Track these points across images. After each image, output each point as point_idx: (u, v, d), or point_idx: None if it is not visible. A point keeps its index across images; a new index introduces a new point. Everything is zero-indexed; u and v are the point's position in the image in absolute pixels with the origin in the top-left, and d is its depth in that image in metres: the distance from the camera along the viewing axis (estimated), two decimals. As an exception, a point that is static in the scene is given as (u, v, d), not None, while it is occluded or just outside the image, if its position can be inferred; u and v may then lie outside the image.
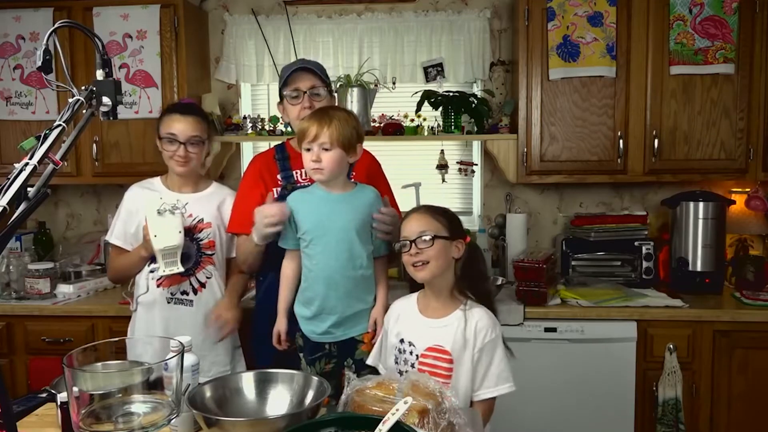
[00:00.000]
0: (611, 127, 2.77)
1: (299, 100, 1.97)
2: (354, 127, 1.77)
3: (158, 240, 1.94)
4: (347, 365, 1.83)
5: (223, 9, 3.21)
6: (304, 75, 1.98)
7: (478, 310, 1.66)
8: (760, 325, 2.49)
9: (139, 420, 1.20)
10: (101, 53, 1.38)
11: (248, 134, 3.01)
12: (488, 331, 1.63)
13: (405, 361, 1.67)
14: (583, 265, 2.90)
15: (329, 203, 1.79)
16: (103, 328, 2.66)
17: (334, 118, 1.74)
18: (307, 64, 2.02)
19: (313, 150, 1.73)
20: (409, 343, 1.68)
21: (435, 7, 3.13)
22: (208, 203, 2.19)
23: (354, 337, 1.83)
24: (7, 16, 2.92)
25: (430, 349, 1.64)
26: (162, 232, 1.94)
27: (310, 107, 1.94)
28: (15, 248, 3.04)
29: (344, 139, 1.73)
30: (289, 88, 1.98)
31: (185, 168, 2.12)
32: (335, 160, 1.73)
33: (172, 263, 1.97)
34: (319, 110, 1.82)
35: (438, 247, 1.63)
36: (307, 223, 1.79)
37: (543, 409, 2.55)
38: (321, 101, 1.98)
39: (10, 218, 1.07)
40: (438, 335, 1.65)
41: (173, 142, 2.09)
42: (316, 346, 1.83)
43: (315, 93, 1.98)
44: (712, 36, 2.68)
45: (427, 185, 3.07)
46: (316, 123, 1.73)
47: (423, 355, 1.65)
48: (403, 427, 1.19)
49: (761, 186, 2.92)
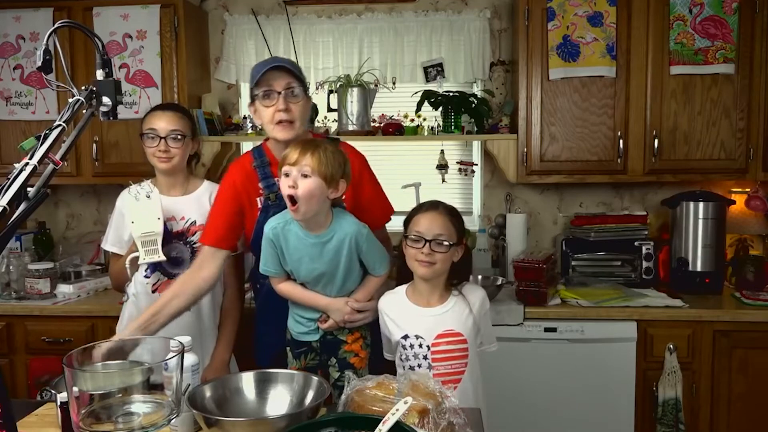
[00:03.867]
0: (611, 127, 2.77)
1: (272, 101, 1.79)
2: (341, 163, 1.68)
3: (136, 226, 1.92)
4: (330, 364, 1.84)
5: (223, 9, 3.21)
6: (278, 74, 1.79)
7: (468, 286, 1.79)
8: (760, 325, 2.49)
9: (139, 420, 1.20)
10: (101, 53, 1.38)
11: (248, 134, 3.01)
12: (484, 299, 1.79)
13: (415, 356, 1.70)
14: (583, 265, 2.90)
15: (309, 248, 1.72)
16: (103, 328, 2.66)
17: (320, 147, 1.65)
18: (280, 62, 1.84)
19: (291, 174, 1.63)
20: (415, 336, 1.71)
21: (435, 7, 3.13)
22: (199, 204, 2.16)
23: (338, 336, 1.84)
24: (7, 16, 2.92)
25: (440, 336, 1.69)
26: (140, 218, 1.91)
27: (286, 109, 1.78)
28: (15, 248, 3.04)
29: (327, 170, 1.63)
30: (261, 88, 1.80)
31: (167, 164, 2.09)
32: (312, 189, 1.61)
33: (152, 251, 1.92)
34: (309, 139, 1.75)
35: (449, 253, 1.70)
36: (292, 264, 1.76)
37: (543, 409, 2.55)
38: (297, 102, 1.81)
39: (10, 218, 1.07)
40: (444, 321, 1.71)
41: (154, 138, 2.08)
42: (301, 342, 1.86)
43: (291, 93, 1.80)
44: (712, 36, 2.68)
45: (427, 185, 3.08)
46: (300, 148, 1.64)
47: (434, 344, 1.69)
48: (403, 427, 1.19)
49: (761, 186, 2.91)
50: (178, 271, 2.10)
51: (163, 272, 2.12)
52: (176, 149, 2.09)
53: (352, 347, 1.83)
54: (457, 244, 1.72)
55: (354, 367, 1.82)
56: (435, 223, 1.70)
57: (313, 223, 1.71)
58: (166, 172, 2.13)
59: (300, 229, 1.72)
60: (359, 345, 1.84)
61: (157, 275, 2.12)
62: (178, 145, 2.10)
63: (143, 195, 1.90)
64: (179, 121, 2.11)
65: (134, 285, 2.16)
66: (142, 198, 1.90)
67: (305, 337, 1.85)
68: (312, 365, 1.85)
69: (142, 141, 2.12)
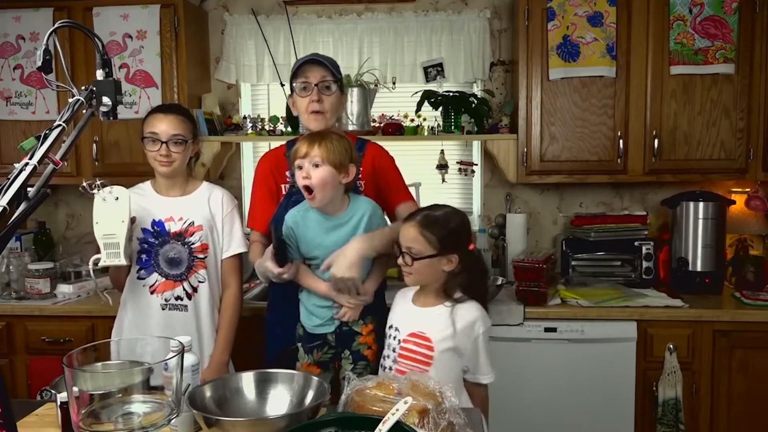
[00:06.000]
0: (611, 127, 2.77)
1: (308, 93, 1.93)
2: (347, 148, 1.79)
3: (99, 227, 1.88)
4: (344, 357, 1.87)
5: (223, 9, 3.21)
6: (315, 67, 1.94)
7: (469, 304, 1.71)
8: (760, 325, 2.49)
9: (139, 420, 1.20)
10: (101, 53, 1.38)
11: (248, 134, 3.01)
12: (475, 324, 1.70)
13: (389, 346, 1.75)
14: (583, 265, 2.90)
15: (328, 231, 1.82)
16: (103, 328, 2.65)
17: (326, 138, 1.77)
18: (319, 57, 1.98)
19: (304, 167, 1.76)
20: (396, 329, 1.76)
21: (435, 7, 3.13)
22: (198, 205, 2.15)
23: (353, 328, 1.87)
24: (7, 16, 2.92)
25: (412, 335, 1.71)
26: (103, 219, 1.88)
27: (319, 101, 1.91)
28: (15, 248, 3.04)
29: (335, 157, 1.75)
30: (298, 79, 1.95)
31: (168, 168, 2.08)
32: (325, 177, 1.74)
33: (114, 254, 1.89)
34: (314, 132, 1.86)
35: (419, 266, 1.69)
36: (313, 250, 1.84)
37: (543, 409, 2.55)
38: (331, 96, 1.94)
39: (10, 218, 1.07)
40: (420, 322, 1.71)
41: (155, 142, 2.06)
42: (315, 335, 1.88)
43: (325, 86, 1.93)
44: (712, 36, 2.68)
45: (427, 185, 3.08)
46: (308, 141, 1.77)
47: (405, 341, 1.71)
48: (403, 427, 1.19)
49: (761, 186, 2.92)
50: (176, 271, 2.09)
51: (161, 273, 2.10)
52: (177, 153, 2.08)
53: (366, 339, 1.87)
54: (438, 254, 1.68)
55: (367, 360, 1.86)
56: (406, 235, 1.71)
57: (330, 208, 1.82)
58: (166, 175, 2.13)
59: (319, 215, 1.82)
60: (372, 338, 1.88)
61: (155, 276, 2.10)
62: (180, 150, 2.08)
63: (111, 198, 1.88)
64: (181, 124, 2.10)
65: (129, 287, 2.14)
66: (110, 200, 1.88)
67: (320, 330, 1.87)
68: (325, 359, 1.88)
69: (143, 144, 2.11)
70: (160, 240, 2.09)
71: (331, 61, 1.99)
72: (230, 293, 2.18)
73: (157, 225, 2.10)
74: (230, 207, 2.20)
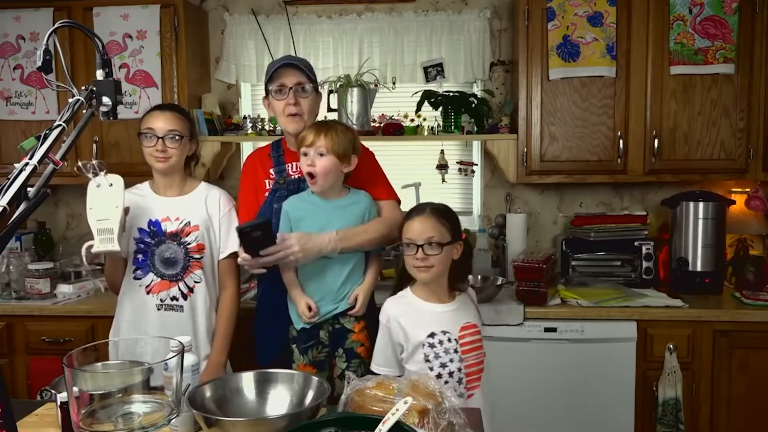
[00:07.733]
0: (611, 127, 2.77)
1: (284, 96, 1.98)
2: (351, 140, 1.89)
3: (92, 213, 1.87)
4: (338, 355, 1.91)
5: (223, 9, 3.21)
6: (290, 71, 1.98)
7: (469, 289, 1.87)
8: (760, 325, 2.49)
9: (139, 420, 1.20)
10: (101, 53, 1.38)
11: (248, 134, 3.01)
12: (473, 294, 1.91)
13: (446, 351, 1.69)
14: (583, 265, 2.90)
15: (326, 210, 1.91)
16: (103, 328, 2.64)
17: (332, 129, 1.87)
18: (293, 60, 2.02)
19: (309, 155, 1.86)
20: (442, 332, 1.71)
21: (435, 7, 3.13)
22: (195, 205, 2.15)
23: (345, 326, 1.90)
24: (7, 16, 2.92)
25: (463, 328, 1.74)
26: (97, 205, 1.86)
27: (296, 103, 1.97)
28: (15, 248, 3.04)
29: (339, 148, 1.85)
30: (274, 83, 1.99)
31: (164, 164, 2.08)
32: (328, 166, 1.85)
33: (107, 240, 1.86)
34: (321, 121, 1.95)
35: (444, 254, 1.71)
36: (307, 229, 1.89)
37: (543, 409, 2.55)
38: (307, 98, 1.99)
39: (10, 218, 1.07)
40: (461, 314, 1.76)
41: (151, 138, 2.07)
42: (308, 335, 1.91)
43: (301, 88, 1.98)
44: (712, 36, 2.68)
45: (427, 185, 3.08)
46: (315, 131, 1.86)
47: (461, 336, 1.72)
48: (403, 427, 1.19)
49: (761, 186, 2.92)
50: (172, 271, 2.08)
51: (156, 273, 2.09)
52: (173, 149, 2.07)
53: (358, 336, 1.91)
54: (452, 241, 1.73)
55: (360, 357, 1.89)
56: (424, 227, 1.71)
57: (330, 194, 1.92)
58: (162, 172, 2.12)
59: (319, 200, 1.92)
60: (364, 335, 1.91)
61: (151, 276, 2.09)
62: (176, 146, 2.08)
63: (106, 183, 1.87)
64: (177, 121, 2.10)
65: (126, 287, 2.13)
66: (104, 186, 1.87)
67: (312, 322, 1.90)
68: (320, 359, 1.91)
69: (140, 140, 2.11)
70: (157, 240, 2.09)
71: (306, 63, 2.05)
72: (227, 294, 2.17)
73: (154, 225, 2.10)
74: (228, 207, 2.19)
